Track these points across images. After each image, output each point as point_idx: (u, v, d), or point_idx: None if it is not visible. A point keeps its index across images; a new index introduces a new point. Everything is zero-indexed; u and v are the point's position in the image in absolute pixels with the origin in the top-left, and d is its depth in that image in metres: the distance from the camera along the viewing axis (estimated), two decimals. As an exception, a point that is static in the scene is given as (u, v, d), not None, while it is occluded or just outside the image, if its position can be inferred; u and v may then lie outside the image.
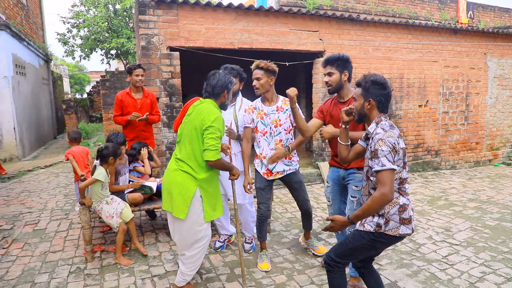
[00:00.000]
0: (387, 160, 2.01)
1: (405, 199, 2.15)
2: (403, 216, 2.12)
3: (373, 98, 2.20)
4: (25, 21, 11.16)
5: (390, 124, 2.17)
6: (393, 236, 2.12)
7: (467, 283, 3.06)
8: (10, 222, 4.49)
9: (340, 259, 2.25)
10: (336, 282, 2.29)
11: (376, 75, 2.25)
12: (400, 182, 2.13)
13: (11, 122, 8.68)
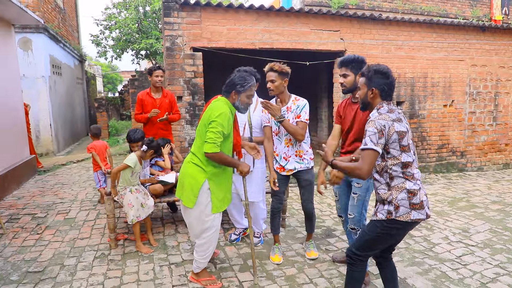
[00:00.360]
0: (370, 140, 2.09)
1: (412, 183, 2.17)
2: (413, 201, 2.15)
3: (376, 87, 2.26)
4: (62, 24, 11.80)
5: (389, 109, 2.23)
6: (405, 222, 2.16)
7: (478, 283, 3.05)
8: (44, 211, 4.85)
9: (360, 252, 2.32)
10: (356, 276, 2.36)
11: (380, 65, 2.31)
12: (403, 166, 2.16)
13: (47, 119, 9.25)
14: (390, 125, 2.13)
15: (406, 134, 2.18)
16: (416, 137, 7.03)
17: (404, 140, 2.16)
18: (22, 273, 3.18)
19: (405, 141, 2.17)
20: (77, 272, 3.20)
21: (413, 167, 2.21)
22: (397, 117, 2.19)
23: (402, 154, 2.16)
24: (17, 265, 3.33)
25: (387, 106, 2.24)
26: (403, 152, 2.16)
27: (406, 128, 2.19)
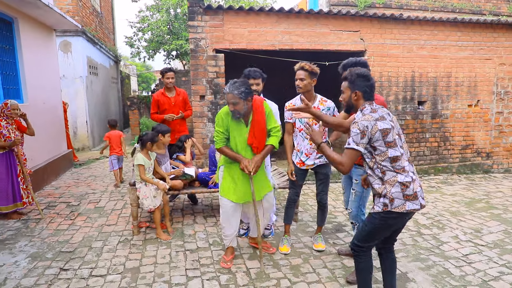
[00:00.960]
0: (353, 140, 2.28)
1: (404, 176, 2.30)
2: (407, 193, 2.28)
3: (359, 90, 2.42)
4: (99, 27, 12.53)
5: (372, 109, 2.38)
6: (401, 212, 2.30)
7: (480, 280, 3.11)
8: (78, 200, 5.31)
9: (362, 243, 2.47)
10: (362, 266, 2.51)
11: (360, 69, 2.46)
12: (391, 160, 2.30)
13: (84, 117, 9.91)
14: (373, 125, 2.28)
15: (391, 131, 2.31)
16: (439, 137, 6.95)
17: (388, 137, 2.30)
18: (56, 252, 3.58)
19: (390, 137, 2.30)
20: (102, 254, 3.56)
21: (403, 161, 2.33)
22: (380, 116, 2.33)
23: (388, 149, 2.30)
24: (52, 246, 3.74)
25: (370, 106, 2.40)
26: (389, 147, 2.30)
27: (390, 125, 2.32)
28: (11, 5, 5.42)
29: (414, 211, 2.33)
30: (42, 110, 6.38)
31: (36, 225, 4.32)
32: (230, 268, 3.29)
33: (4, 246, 3.73)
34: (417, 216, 4.67)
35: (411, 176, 2.34)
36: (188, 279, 3.10)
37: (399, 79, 6.59)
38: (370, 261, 2.51)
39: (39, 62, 6.48)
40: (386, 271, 2.61)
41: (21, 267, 3.29)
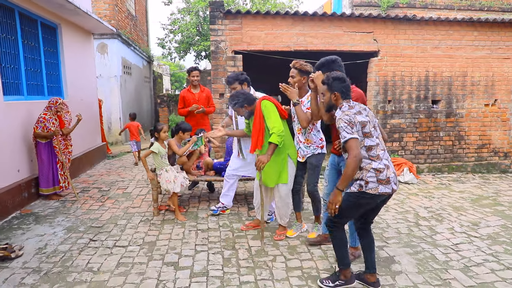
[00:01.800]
0: (346, 132, 2.58)
1: (377, 163, 2.63)
2: (380, 177, 2.61)
3: (337, 91, 2.76)
4: (133, 29, 13.37)
5: (349, 106, 2.72)
6: (373, 194, 2.62)
7: (462, 265, 3.34)
8: (108, 186, 5.95)
9: (336, 219, 2.80)
10: (338, 239, 2.86)
11: (336, 73, 2.81)
12: (367, 149, 2.63)
13: (118, 113, 10.71)
14: (353, 118, 2.62)
15: (367, 123, 2.65)
16: (453, 136, 7.03)
17: (366, 128, 2.64)
18: (87, 227, 4.17)
19: (367, 129, 2.64)
20: (126, 230, 4.10)
21: (377, 149, 2.66)
22: (357, 111, 2.67)
23: (365, 139, 2.63)
24: (84, 221, 4.34)
25: (347, 104, 2.74)
26: (366, 137, 2.64)
27: (366, 119, 2.67)
28: (55, 13, 6.13)
29: (386, 194, 2.65)
30: (80, 106, 7.10)
31: (72, 205, 4.96)
32: (234, 245, 3.72)
33: (45, 220, 4.37)
34: (418, 209, 4.89)
35: (385, 163, 2.66)
36: (196, 252, 3.56)
37: (412, 78, 6.75)
38: (344, 236, 2.85)
39: (78, 63, 7.21)
40: (366, 248, 2.94)
41: (58, 237, 3.89)
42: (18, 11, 5.16)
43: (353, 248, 3.46)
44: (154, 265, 3.30)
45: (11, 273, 3.13)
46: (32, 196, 5.06)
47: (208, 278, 3.08)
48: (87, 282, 3.01)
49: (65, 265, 3.29)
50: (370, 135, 2.65)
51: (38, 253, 3.53)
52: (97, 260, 3.38)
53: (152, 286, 2.94)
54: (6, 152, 4.64)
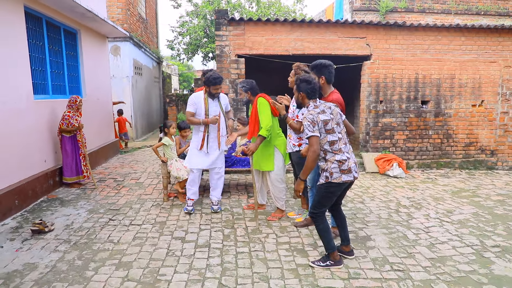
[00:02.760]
0: (309, 130, 3.10)
1: (340, 155, 3.15)
2: (343, 168, 3.14)
3: (303, 91, 3.31)
4: (144, 32, 14.04)
5: (315, 105, 3.25)
6: (338, 183, 3.16)
7: (428, 243, 3.87)
8: (122, 177, 6.58)
9: (316, 210, 3.33)
10: (321, 227, 3.35)
11: (305, 75, 3.36)
12: (330, 143, 3.14)
13: (129, 112, 11.36)
14: (316, 117, 3.14)
15: (330, 121, 3.16)
16: (442, 134, 7.52)
17: (328, 125, 3.14)
18: (106, 209, 4.79)
19: (329, 126, 3.15)
20: (139, 212, 4.71)
21: (340, 144, 3.17)
22: (321, 110, 3.19)
23: (327, 135, 3.15)
24: (103, 205, 4.96)
25: (313, 103, 3.27)
26: (328, 134, 3.15)
27: (330, 117, 3.17)
28: (75, 20, 6.77)
29: (348, 182, 3.20)
30: (96, 104, 7.76)
31: (91, 192, 5.59)
32: (233, 225, 4.30)
33: (70, 204, 5.01)
34: (401, 199, 5.42)
35: (347, 155, 3.20)
36: (200, 230, 4.15)
37: (403, 80, 7.26)
38: (326, 223, 3.33)
39: (95, 64, 7.86)
40: (339, 225, 3.49)
41: (82, 217, 4.52)
42: (45, 19, 5.80)
43: (335, 228, 4.00)
44: (164, 239, 3.90)
45: (46, 243, 3.75)
46: (56, 183, 5.71)
47: (210, 249, 3.67)
48: (109, 250, 3.61)
49: (90, 237, 3.91)
50: (332, 131, 3.16)
51: (66, 228, 4.15)
52: (116, 235, 3.99)
53: (163, 254, 3.53)
54: (35, 144, 5.28)
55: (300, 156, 4.22)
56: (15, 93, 4.78)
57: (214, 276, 3.12)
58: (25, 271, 3.18)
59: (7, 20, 4.66)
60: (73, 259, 3.42)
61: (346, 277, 3.13)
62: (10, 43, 4.71)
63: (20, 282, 3.00)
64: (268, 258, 3.48)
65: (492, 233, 4.15)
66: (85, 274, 3.14)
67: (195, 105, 4.56)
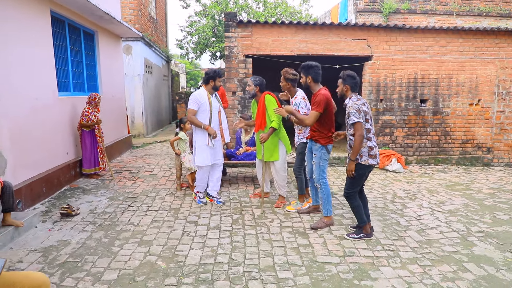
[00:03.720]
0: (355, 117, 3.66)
1: (370, 142, 3.74)
2: (371, 153, 3.73)
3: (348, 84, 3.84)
4: (154, 31, 14.50)
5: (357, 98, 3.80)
6: (365, 165, 3.73)
7: (418, 228, 4.26)
8: (137, 169, 7.04)
9: (350, 190, 3.88)
10: (355, 204, 3.90)
11: (350, 71, 3.90)
12: (366, 131, 3.71)
13: (140, 109, 11.84)
14: (360, 106, 3.67)
15: (368, 112, 3.72)
16: (439, 131, 7.87)
17: (367, 115, 3.70)
18: (125, 197, 5.24)
19: (367, 116, 3.71)
20: (155, 200, 5.15)
21: (371, 133, 3.73)
22: (362, 102, 3.74)
23: (366, 123, 3.69)
24: (121, 193, 5.42)
25: (355, 96, 3.80)
26: (366, 122, 3.70)
27: (367, 108, 3.73)
28: (93, 22, 7.23)
29: (374, 165, 3.77)
30: (111, 101, 8.21)
31: (109, 183, 6.05)
32: (241, 212, 4.71)
33: (91, 192, 5.47)
34: (398, 191, 5.80)
35: (375, 143, 3.77)
36: (211, 215, 4.58)
37: (402, 80, 7.62)
38: (358, 201, 3.90)
39: (110, 63, 8.32)
40: (363, 205, 3.98)
41: (104, 203, 4.98)
42: (68, 22, 6.26)
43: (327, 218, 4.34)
44: (179, 222, 4.33)
45: (74, 224, 4.21)
46: (77, 174, 6.18)
47: (220, 231, 4.09)
48: (131, 231, 4.05)
49: (112, 220, 4.36)
50: (368, 121, 3.73)
51: (91, 213, 4.60)
52: (136, 219, 4.43)
53: (179, 234, 3.97)
54: (59, 137, 5.74)
55: (303, 147, 4.67)
56: (44, 90, 5.25)
57: (225, 252, 3.54)
58: (60, 246, 3.63)
59: (36, 24, 5.12)
60: (100, 237, 3.87)
61: (342, 255, 3.54)
62: (40, 45, 5.17)
63: (56, 255, 3.45)
64: (273, 239, 3.89)
65: (479, 221, 4.52)
66: (112, 249, 3.58)
67: (199, 103, 4.81)
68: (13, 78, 4.55)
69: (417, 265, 3.34)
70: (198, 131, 4.86)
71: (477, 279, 3.11)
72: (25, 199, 4.60)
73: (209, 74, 4.88)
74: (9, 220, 3.74)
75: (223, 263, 3.33)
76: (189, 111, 4.82)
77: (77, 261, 3.32)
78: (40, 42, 5.20)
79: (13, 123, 4.50)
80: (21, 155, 4.64)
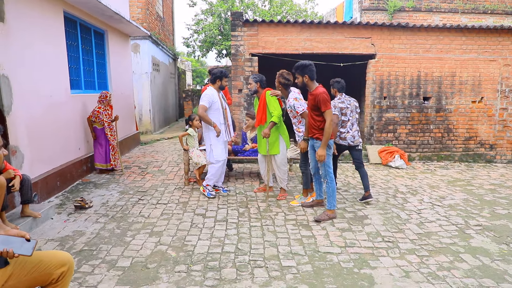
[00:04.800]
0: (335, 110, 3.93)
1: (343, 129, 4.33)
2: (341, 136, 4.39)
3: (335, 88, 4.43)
4: (161, 30, 14.70)
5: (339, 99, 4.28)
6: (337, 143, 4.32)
7: (418, 221, 4.41)
8: (146, 165, 7.25)
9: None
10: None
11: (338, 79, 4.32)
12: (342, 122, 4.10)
13: (148, 106, 12.06)
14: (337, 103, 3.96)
15: (345, 108, 4.12)
16: (442, 129, 7.97)
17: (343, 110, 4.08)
18: (135, 191, 5.45)
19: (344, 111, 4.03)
20: (164, 194, 5.35)
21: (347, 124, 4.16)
22: (341, 101, 4.29)
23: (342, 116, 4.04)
24: (131, 187, 5.63)
25: (340, 95, 4.33)
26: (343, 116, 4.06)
27: (346, 105, 4.17)
28: (103, 21, 7.44)
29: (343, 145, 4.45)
30: (120, 98, 8.43)
31: (120, 178, 6.26)
32: (247, 205, 4.90)
33: (102, 186, 5.69)
34: (399, 187, 5.94)
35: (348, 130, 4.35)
36: (218, 209, 4.77)
37: (406, 78, 7.74)
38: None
39: (119, 62, 8.53)
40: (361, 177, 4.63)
41: (115, 196, 5.19)
42: (79, 22, 6.47)
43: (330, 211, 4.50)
44: (188, 215, 4.52)
45: (88, 216, 4.42)
46: (88, 169, 6.40)
47: (227, 223, 4.28)
48: (142, 222, 4.25)
49: (124, 213, 4.56)
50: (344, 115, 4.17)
51: (103, 206, 4.82)
52: (146, 211, 4.63)
53: (187, 226, 4.16)
54: (71, 133, 5.96)
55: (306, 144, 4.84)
56: (57, 88, 5.46)
57: (231, 243, 3.73)
58: (75, 236, 3.84)
59: (51, 24, 5.33)
60: (112, 228, 4.07)
61: (343, 245, 3.70)
62: (54, 44, 5.38)
63: (73, 244, 3.66)
64: (277, 230, 4.07)
65: (478, 215, 4.66)
66: (125, 239, 3.79)
67: (211, 102, 5.04)
68: (31, 76, 4.76)
69: (415, 256, 3.50)
70: (212, 128, 5.08)
71: (472, 269, 3.26)
72: (41, 192, 4.82)
73: (216, 74, 5.11)
74: (27, 211, 3.96)
75: (230, 252, 3.51)
76: (201, 107, 5.02)
77: (92, 250, 3.53)
78: (54, 41, 5.41)
79: (30, 120, 4.71)
80: (37, 151, 4.86)
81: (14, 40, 4.42)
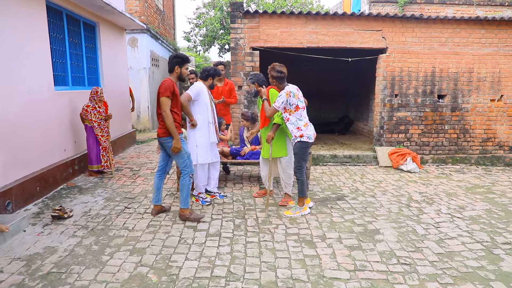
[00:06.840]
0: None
1: None
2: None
3: None
4: (161, 24, 14.17)
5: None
6: None
7: (437, 238, 3.88)
8: (138, 167, 6.76)
9: None
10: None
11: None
12: None
13: (146, 103, 11.58)
14: None
15: None
16: (458, 129, 7.39)
17: None
18: (122, 198, 4.96)
19: None
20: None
21: None
22: None
23: None
24: (119, 193, 5.14)
25: None
26: None
27: None
28: (94, 13, 6.93)
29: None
30: (114, 95, 7.94)
31: (108, 181, 5.78)
32: (244, 215, 4.39)
33: (88, 192, 5.21)
34: (413, 194, 5.40)
35: None
36: (212, 219, 4.27)
37: (419, 74, 7.16)
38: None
39: (113, 56, 8.04)
40: None
41: (99, 204, 4.70)
42: (66, 13, 5.97)
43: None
44: (177, 227, 4.03)
45: (65, 228, 3.94)
46: (75, 172, 5.93)
47: (220, 238, 3.78)
48: (124, 236, 3.77)
49: (106, 224, 4.08)
50: None
51: (84, 215, 4.34)
52: (131, 222, 4.15)
53: (175, 241, 3.67)
54: (55, 133, 5.49)
55: (298, 146, 4.39)
56: (38, 84, 4.98)
57: (223, 264, 3.23)
58: (45, 254, 3.36)
59: (29, 13, 4.83)
60: (90, 244, 3.59)
61: (352, 269, 3.19)
62: (33, 36, 4.89)
63: (40, 264, 3.18)
64: (277, 248, 3.56)
65: (504, 230, 4.11)
66: (101, 258, 3.30)
67: (199, 95, 4.69)
68: (4, 71, 4.28)
69: (437, 283, 2.98)
70: (200, 128, 4.72)
71: (507, 302, 2.74)
72: (16, 199, 4.35)
73: (209, 72, 4.81)
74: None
75: (220, 277, 3.01)
76: (185, 95, 4.62)
77: (61, 272, 3.05)
78: (34, 33, 4.92)
79: (3, 120, 4.24)
80: (12, 153, 4.39)
81: (-17, 30, 3.93)
